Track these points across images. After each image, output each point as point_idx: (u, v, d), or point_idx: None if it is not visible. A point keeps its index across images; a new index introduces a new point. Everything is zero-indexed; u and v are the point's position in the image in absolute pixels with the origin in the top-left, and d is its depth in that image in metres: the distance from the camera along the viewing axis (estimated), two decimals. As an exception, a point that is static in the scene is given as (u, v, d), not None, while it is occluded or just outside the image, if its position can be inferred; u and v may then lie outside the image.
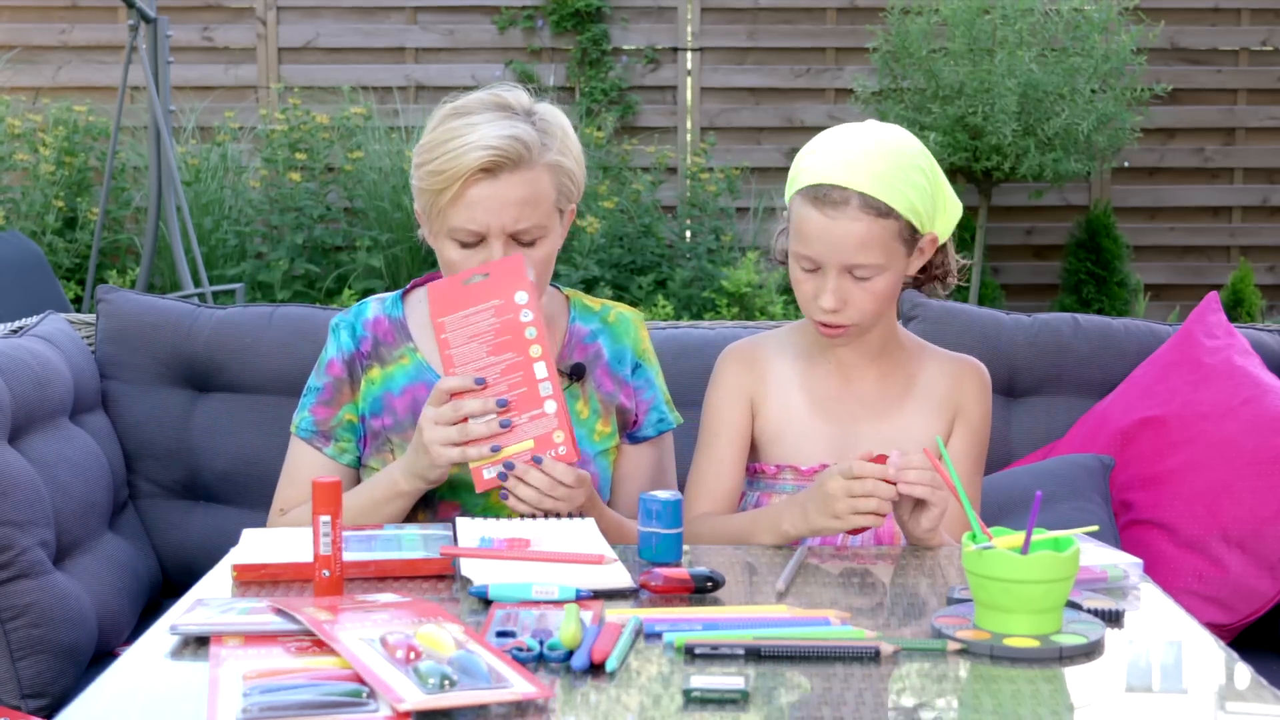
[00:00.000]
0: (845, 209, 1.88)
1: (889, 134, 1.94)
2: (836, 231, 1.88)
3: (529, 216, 1.92)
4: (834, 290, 1.91)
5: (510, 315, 1.84)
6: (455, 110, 1.97)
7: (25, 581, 2.01)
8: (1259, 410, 2.38)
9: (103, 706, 1.31)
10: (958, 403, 2.03)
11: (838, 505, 1.78)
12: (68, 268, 6.15)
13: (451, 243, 1.94)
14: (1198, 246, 7.05)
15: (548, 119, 1.97)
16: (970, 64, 6.07)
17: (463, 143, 1.90)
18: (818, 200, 1.89)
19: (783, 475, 2.02)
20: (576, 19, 6.86)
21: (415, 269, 6.27)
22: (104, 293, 2.58)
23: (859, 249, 1.89)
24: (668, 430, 2.11)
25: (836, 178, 1.88)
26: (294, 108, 6.50)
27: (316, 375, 2.08)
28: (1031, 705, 1.31)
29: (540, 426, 1.84)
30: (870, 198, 1.87)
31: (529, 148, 1.92)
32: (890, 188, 1.88)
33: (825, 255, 1.90)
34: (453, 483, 1.98)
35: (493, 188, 1.90)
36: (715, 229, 6.43)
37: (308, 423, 2.06)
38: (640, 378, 2.10)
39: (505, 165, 1.90)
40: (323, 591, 1.59)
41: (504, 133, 1.90)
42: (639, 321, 2.13)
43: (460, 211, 1.91)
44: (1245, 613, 2.33)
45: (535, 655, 1.40)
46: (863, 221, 1.88)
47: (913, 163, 1.91)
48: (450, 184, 1.89)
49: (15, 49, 6.83)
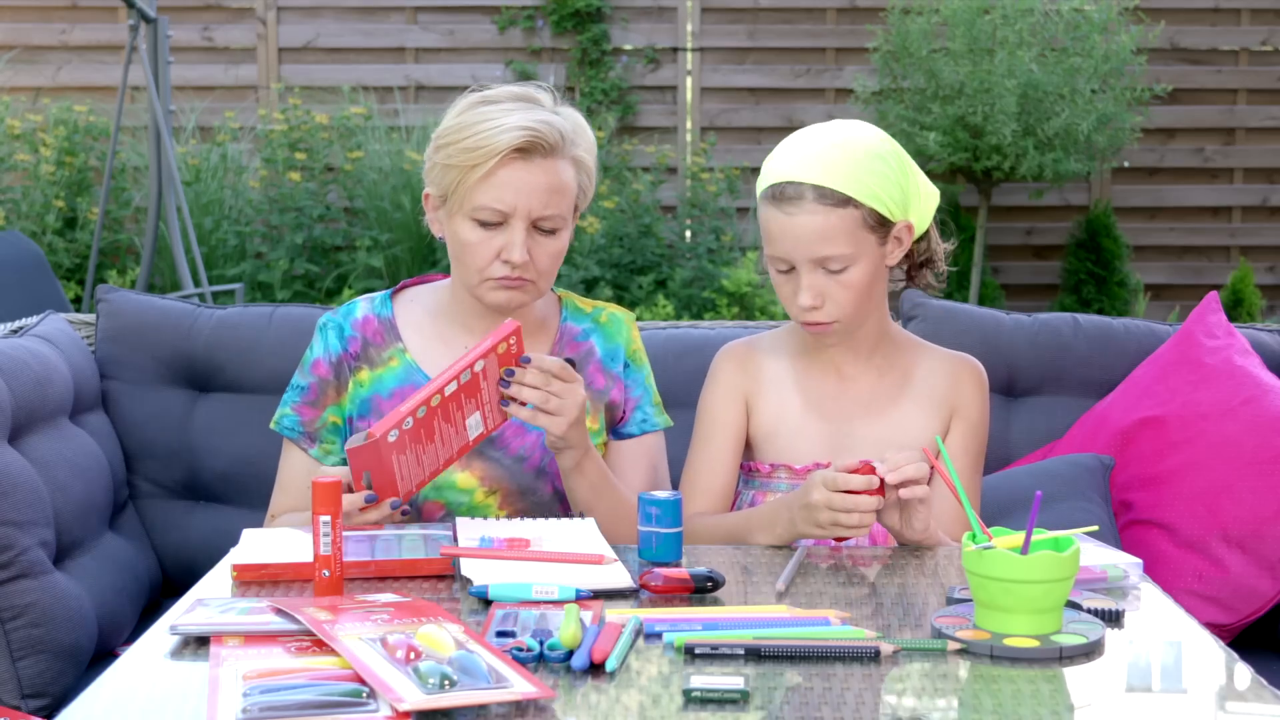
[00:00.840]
0: (801, 203, 1.90)
1: (847, 128, 1.96)
2: (796, 226, 1.90)
3: (554, 204, 1.94)
4: (808, 286, 1.92)
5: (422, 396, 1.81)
6: (484, 98, 1.99)
7: (25, 581, 2.01)
8: (1259, 410, 2.38)
9: (103, 706, 1.31)
10: (954, 400, 2.03)
11: (820, 515, 1.78)
12: (68, 268, 6.15)
13: (471, 223, 1.94)
14: (1198, 246, 7.05)
15: (574, 118, 2.00)
16: (970, 64, 6.07)
17: (498, 124, 1.92)
18: (775, 199, 1.92)
19: (777, 474, 2.02)
20: (576, 19, 6.86)
21: (415, 269, 6.27)
22: (104, 293, 2.58)
23: (821, 241, 1.90)
24: (653, 431, 2.10)
25: (790, 174, 1.91)
26: (294, 108, 6.50)
27: (301, 373, 2.07)
28: (1031, 705, 1.31)
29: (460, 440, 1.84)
30: (824, 188, 1.89)
31: (562, 136, 1.95)
32: (845, 176, 1.89)
33: (792, 252, 1.92)
34: (437, 483, 1.98)
35: (525, 169, 1.92)
36: (715, 229, 6.44)
37: (291, 421, 2.06)
38: (630, 377, 2.10)
39: (539, 149, 1.92)
40: (323, 591, 1.59)
41: (540, 118, 1.93)
42: (631, 322, 2.13)
43: (489, 190, 1.92)
44: (1245, 613, 2.33)
45: (535, 655, 1.40)
46: (819, 213, 1.89)
47: (871, 151, 1.92)
48: (484, 160, 1.91)
49: (15, 49, 6.83)
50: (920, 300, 2.62)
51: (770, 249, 1.95)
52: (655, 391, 2.12)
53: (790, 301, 1.96)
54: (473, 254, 1.94)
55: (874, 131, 1.96)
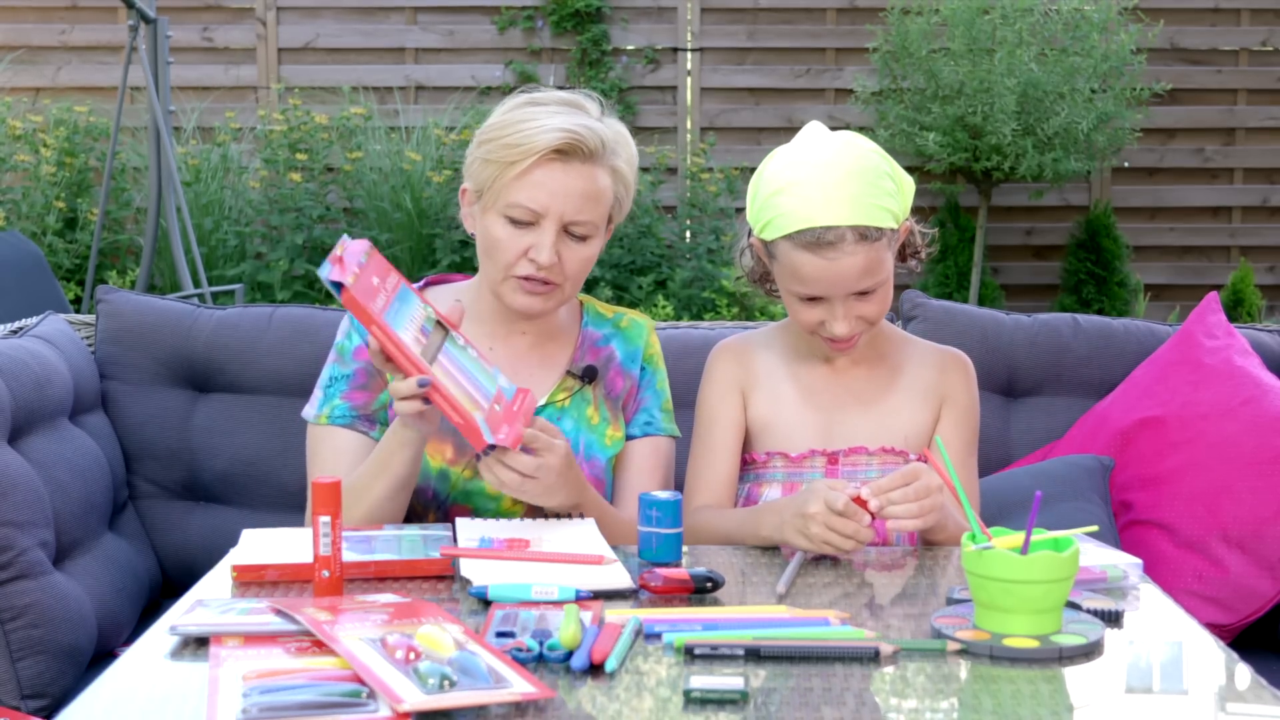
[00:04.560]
0: (842, 246, 1.88)
1: (847, 149, 1.92)
2: (840, 269, 1.90)
3: (587, 210, 1.94)
4: (845, 317, 1.94)
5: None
6: (531, 100, 2.00)
7: (25, 582, 2.01)
8: (1259, 410, 2.38)
9: (103, 707, 1.31)
10: (943, 390, 2.06)
11: (812, 529, 1.78)
12: (68, 268, 6.15)
13: (503, 220, 1.94)
14: (1198, 246, 7.05)
15: (617, 129, 2.01)
16: (970, 64, 6.07)
17: (541, 124, 1.93)
18: (811, 245, 1.89)
19: (772, 463, 2.04)
20: (576, 19, 6.86)
21: (415, 269, 6.27)
22: (104, 293, 2.58)
23: (863, 276, 1.91)
24: (658, 434, 2.09)
25: (823, 218, 1.88)
26: (294, 108, 6.50)
27: (341, 364, 2.05)
28: (1031, 705, 1.31)
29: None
30: (861, 228, 1.88)
31: (603, 143, 1.95)
32: (873, 209, 1.89)
33: (829, 291, 1.92)
34: (466, 489, 1.99)
35: (562, 172, 1.92)
36: (715, 229, 6.43)
37: (343, 409, 2.02)
38: (643, 378, 2.11)
39: (578, 153, 1.93)
40: (322, 592, 1.59)
41: (583, 123, 1.94)
42: (651, 328, 2.15)
43: (524, 189, 1.92)
44: (1245, 613, 2.33)
45: (535, 655, 1.40)
46: (860, 253, 1.89)
47: (878, 170, 1.92)
48: (523, 158, 1.91)
49: (16, 49, 6.83)
50: (920, 300, 2.62)
51: (801, 288, 1.93)
52: (667, 399, 2.12)
53: (813, 325, 1.96)
54: (501, 250, 1.94)
55: (866, 144, 1.96)
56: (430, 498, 2.00)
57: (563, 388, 2.06)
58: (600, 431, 2.06)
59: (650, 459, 2.08)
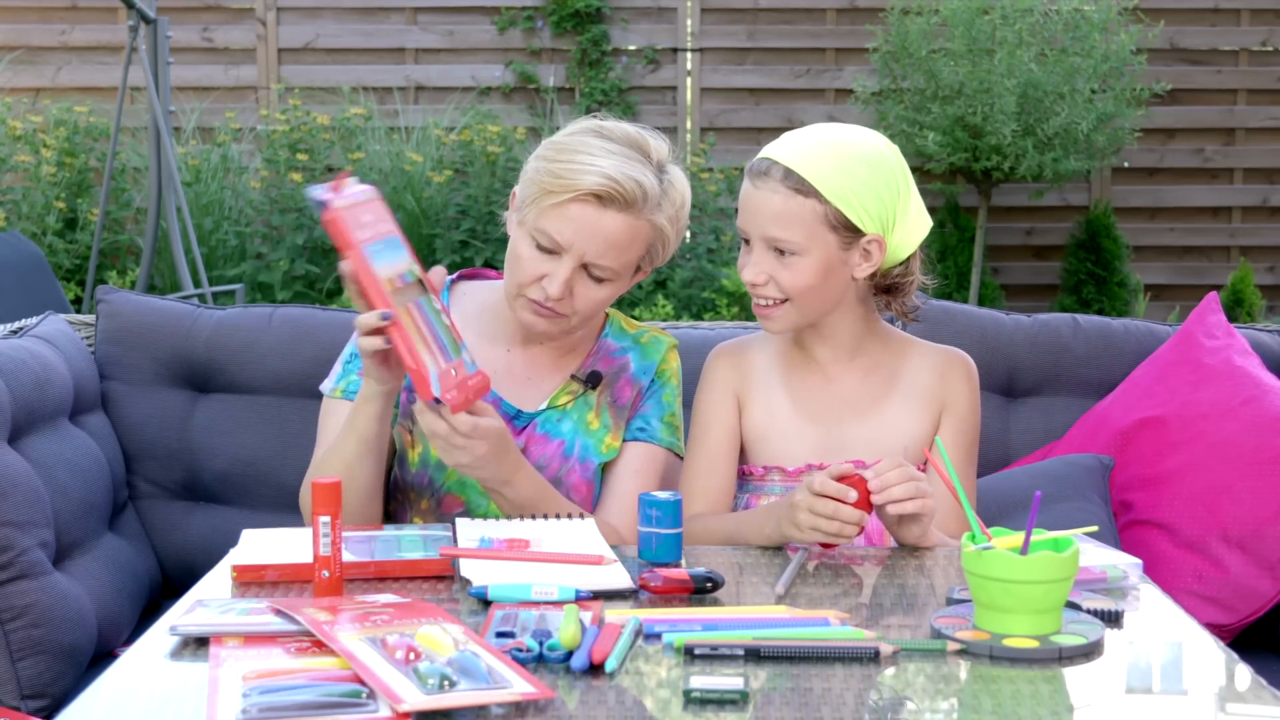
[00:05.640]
0: (767, 180, 1.93)
1: (852, 131, 1.97)
2: (758, 200, 1.93)
3: (610, 256, 1.95)
4: (755, 262, 1.95)
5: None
6: (600, 130, 2.00)
7: (25, 582, 2.01)
8: (1259, 410, 2.38)
9: (103, 707, 1.31)
10: (943, 395, 2.03)
11: (799, 516, 1.78)
12: (68, 268, 6.15)
13: (530, 240, 1.96)
14: (1198, 246, 7.05)
15: (674, 183, 2.01)
16: (970, 64, 6.07)
17: (590, 162, 1.93)
18: (749, 172, 1.96)
19: (770, 476, 2.03)
20: (576, 19, 6.86)
21: (415, 269, 6.26)
22: (104, 293, 2.58)
23: (774, 221, 1.92)
24: (651, 442, 2.08)
25: (770, 152, 1.95)
26: (294, 108, 6.50)
27: None
28: (1031, 705, 1.31)
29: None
30: (792, 173, 1.91)
31: (646, 197, 1.95)
32: (819, 169, 1.90)
33: (748, 225, 1.95)
34: (462, 480, 2.00)
35: (595, 214, 1.93)
36: (715, 229, 6.43)
37: (359, 385, 1.99)
38: (650, 388, 2.10)
39: (615, 201, 1.93)
40: (322, 592, 1.59)
41: (631, 173, 1.94)
42: (672, 346, 2.14)
43: (555, 220, 1.94)
44: (1245, 613, 2.33)
45: (535, 656, 1.40)
46: (780, 194, 1.91)
47: (860, 156, 1.92)
48: (561, 192, 1.93)
49: (15, 50, 6.83)
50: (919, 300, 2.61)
51: (737, 219, 1.98)
52: (671, 414, 2.11)
53: (741, 274, 1.99)
54: (520, 268, 1.97)
55: (879, 142, 1.95)
56: (425, 484, 2.03)
57: (566, 391, 2.06)
58: (598, 437, 2.06)
59: (636, 463, 2.07)
